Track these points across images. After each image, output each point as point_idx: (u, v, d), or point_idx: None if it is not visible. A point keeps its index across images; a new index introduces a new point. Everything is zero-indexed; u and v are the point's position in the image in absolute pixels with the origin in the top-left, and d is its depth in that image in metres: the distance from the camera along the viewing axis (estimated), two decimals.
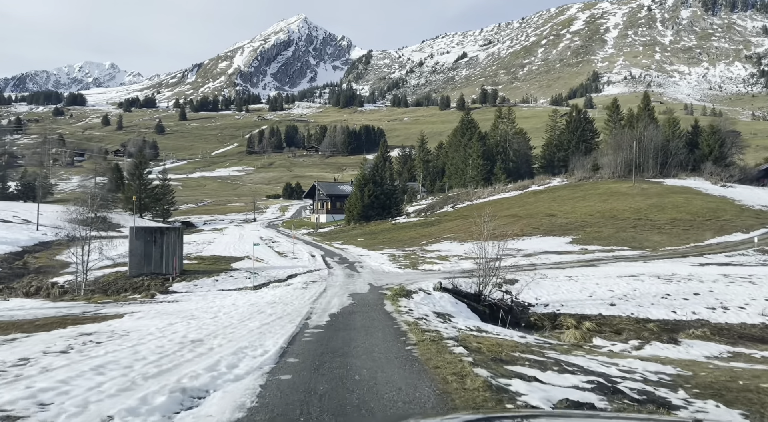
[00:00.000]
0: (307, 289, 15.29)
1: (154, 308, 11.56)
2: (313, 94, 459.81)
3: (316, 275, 18.77)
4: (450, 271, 19.81)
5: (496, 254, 15.32)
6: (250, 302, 12.53)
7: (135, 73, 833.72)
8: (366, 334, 8.69)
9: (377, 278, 18.27)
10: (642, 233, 32.25)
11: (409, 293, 13.53)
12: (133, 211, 66.45)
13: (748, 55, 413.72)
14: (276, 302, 12.58)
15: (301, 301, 12.82)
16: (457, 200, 51.00)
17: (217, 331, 8.89)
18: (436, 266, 20.51)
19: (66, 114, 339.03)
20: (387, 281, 17.07)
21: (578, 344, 10.61)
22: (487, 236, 15.70)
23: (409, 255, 25.32)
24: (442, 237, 34.03)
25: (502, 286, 16.15)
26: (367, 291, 15.06)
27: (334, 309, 11.71)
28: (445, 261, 22.35)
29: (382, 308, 11.64)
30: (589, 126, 78.80)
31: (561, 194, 45.31)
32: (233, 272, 17.99)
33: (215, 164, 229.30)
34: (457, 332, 8.60)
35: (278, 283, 17.10)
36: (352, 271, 20.68)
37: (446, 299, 13.50)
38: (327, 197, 62.20)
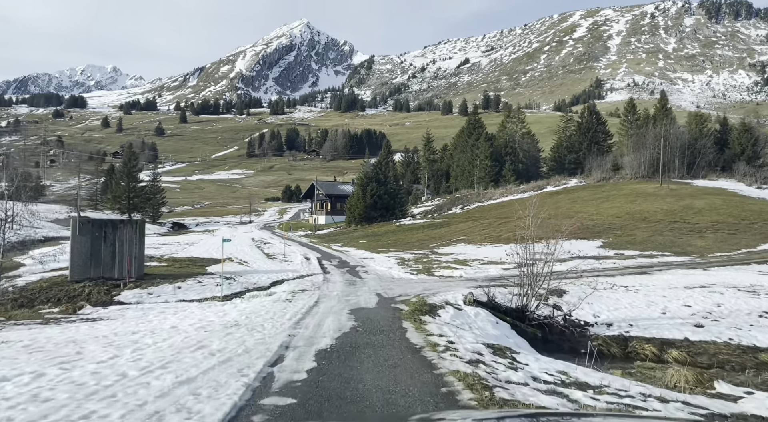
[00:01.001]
0: (292, 301, 11.57)
1: (30, 337, 7.79)
2: (315, 99, 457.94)
3: (307, 282, 15.09)
4: (474, 278, 16.13)
5: (544, 257, 11.66)
6: (202, 323, 8.56)
7: (137, 77, 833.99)
8: None
9: (386, 286, 14.69)
10: (681, 237, 28.68)
11: (433, 309, 9.88)
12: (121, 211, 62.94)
13: (751, 64, 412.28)
14: (239, 324, 8.58)
15: (278, 322, 8.90)
16: (466, 202, 47.37)
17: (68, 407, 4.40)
18: (456, 272, 16.84)
19: (66, 116, 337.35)
20: (400, 291, 13.52)
21: (701, 390, 6.89)
22: (534, 235, 12.04)
23: (420, 259, 21.65)
24: (454, 240, 30.36)
25: (547, 298, 12.45)
26: (375, 305, 11.38)
27: (326, 339, 7.73)
28: (465, 266, 18.71)
29: (404, 337, 7.72)
30: (601, 128, 75.60)
31: (581, 195, 41.73)
32: (205, 278, 14.31)
33: (215, 166, 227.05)
34: (562, 400, 4.74)
35: (258, 292, 13.22)
36: (353, 277, 16.99)
37: (483, 318, 9.84)
38: (326, 197, 58.35)
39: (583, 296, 12.39)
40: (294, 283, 14.70)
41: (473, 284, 14.22)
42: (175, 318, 8.92)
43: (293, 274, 16.54)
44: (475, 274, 16.74)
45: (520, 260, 11.98)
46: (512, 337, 9.28)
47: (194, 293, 12.41)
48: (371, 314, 10.05)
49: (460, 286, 13.82)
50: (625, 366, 9.68)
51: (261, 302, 11.41)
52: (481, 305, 10.95)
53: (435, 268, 18.16)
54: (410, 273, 16.96)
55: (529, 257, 11.66)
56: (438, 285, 14.18)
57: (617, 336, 11.30)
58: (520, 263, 11.89)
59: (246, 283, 14.11)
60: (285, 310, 10.21)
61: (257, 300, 11.65)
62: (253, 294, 12.64)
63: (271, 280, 15.22)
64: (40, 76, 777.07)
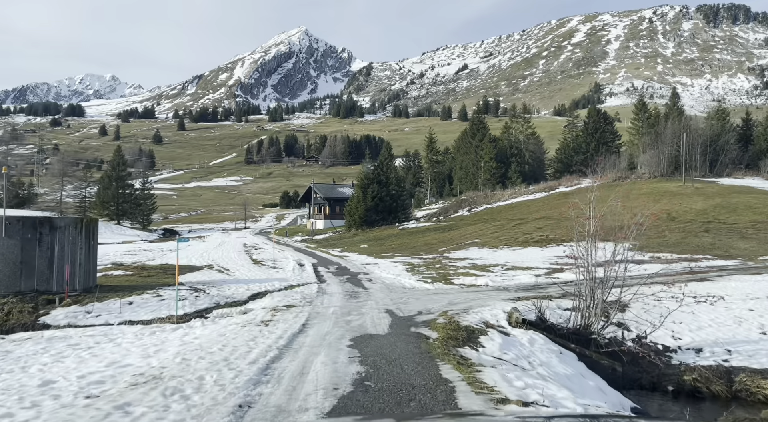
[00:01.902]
0: (270, 324, 8.49)
1: None
2: (314, 106, 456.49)
3: (296, 295, 12.05)
4: (503, 287, 13.22)
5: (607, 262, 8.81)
6: (104, 374, 5.37)
7: (136, 86, 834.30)
8: None
9: (398, 299, 11.65)
10: (720, 239, 25.81)
11: (472, 335, 6.97)
12: (109, 217, 60.01)
13: (750, 67, 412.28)
14: (161, 376, 5.32)
15: (230, 372, 5.60)
16: (473, 204, 44.52)
17: None
18: (480, 280, 13.86)
19: (63, 125, 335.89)
20: (417, 307, 10.47)
21: None
22: (596, 233, 9.18)
23: (431, 264, 18.73)
24: (465, 243, 27.44)
25: (609, 314, 9.52)
26: (387, 329, 8.17)
27: (307, 417, 4.43)
28: (488, 272, 15.82)
29: (453, 402, 4.52)
30: (609, 128, 73.20)
31: (598, 195, 38.69)
32: (169, 290, 11.34)
33: (213, 173, 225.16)
34: None
35: (229, 308, 10.16)
36: (355, 287, 13.86)
37: (542, 346, 6.95)
38: (325, 200, 55.28)
39: (660, 312, 9.45)
40: (279, 296, 11.67)
41: (507, 295, 11.31)
42: (73, 361, 5.79)
43: (280, 284, 13.58)
44: (504, 282, 13.80)
45: (574, 262, 9.03)
46: (590, 377, 6.38)
47: (147, 310, 9.48)
48: (385, 347, 6.80)
49: (491, 298, 10.90)
50: (752, 416, 6.68)
51: (226, 325, 8.36)
52: (532, 326, 8.03)
53: (452, 275, 15.21)
54: (424, 282, 13.95)
55: (590, 261, 8.73)
56: (464, 297, 11.32)
57: (715, 367, 8.33)
58: (576, 261, 8.95)
59: (218, 296, 10.99)
60: (253, 342, 7.00)
61: (223, 322, 8.67)
62: (221, 313, 9.62)
63: (252, 292, 12.13)
64: (38, 86, 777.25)
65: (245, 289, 12.41)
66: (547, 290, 12.35)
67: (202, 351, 6.45)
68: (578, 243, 9.04)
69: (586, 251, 8.73)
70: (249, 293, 11.89)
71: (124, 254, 24.83)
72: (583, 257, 8.73)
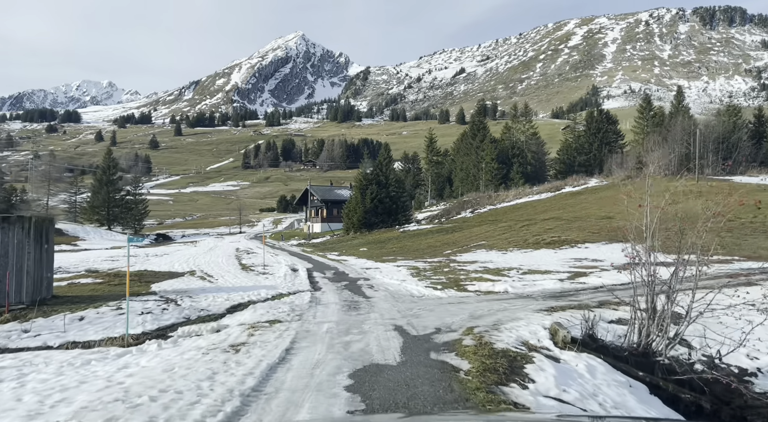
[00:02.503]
0: (243, 349, 6.56)
1: None
2: (311, 110, 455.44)
3: (284, 306, 10.12)
4: (526, 294, 11.44)
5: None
6: None
7: (132, 92, 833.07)
8: None
9: (407, 311, 9.78)
10: (745, 238, 24.13)
11: (514, 364, 5.17)
12: (100, 222, 58.17)
13: (747, 69, 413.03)
14: None
15: None
16: (476, 205, 42.80)
17: None
18: (498, 286, 12.00)
19: (59, 131, 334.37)
20: (433, 321, 8.55)
21: None
22: (656, 229, 7.44)
23: (438, 268, 16.96)
24: (471, 245, 25.67)
25: (663, 328, 7.70)
26: (399, 357, 6.20)
27: None
28: (503, 277, 14.07)
29: None
30: (612, 128, 71.85)
31: (607, 194, 37.22)
32: (137, 300, 9.55)
33: (209, 178, 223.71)
34: None
35: (200, 325, 8.24)
36: (355, 295, 12.02)
37: (605, 377, 5.19)
38: (322, 202, 53.38)
39: (726, 324, 7.68)
40: (263, 308, 9.73)
41: (536, 305, 9.53)
42: None
43: (268, 292, 11.75)
44: (525, 288, 12.01)
45: (629, 262, 7.25)
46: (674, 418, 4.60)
47: (98, 328, 7.69)
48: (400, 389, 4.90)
49: (519, 308, 9.13)
50: None
51: (185, 351, 6.42)
52: (581, 346, 6.23)
53: (464, 280, 13.43)
54: (434, 288, 12.11)
55: (651, 262, 6.98)
56: (486, 308, 9.61)
57: None
58: (631, 261, 7.19)
59: (190, 309, 9.21)
60: (210, 382, 5.04)
61: (185, 345, 6.84)
62: (188, 331, 7.77)
63: (232, 303, 10.29)
64: (35, 93, 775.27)
65: (225, 299, 10.54)
66: (579, 297, 10.60)
67: (125, 403, 4.46)
68: (634, 241, 7.26)
69: (646, 250, 6.97)
70: (228, 304, 10.03)
71: (105, 259, 23.04)
72: (638, 256, 6.97)
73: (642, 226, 7.23)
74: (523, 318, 7.95)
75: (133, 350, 6.52)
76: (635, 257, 6.95)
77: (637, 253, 6.95)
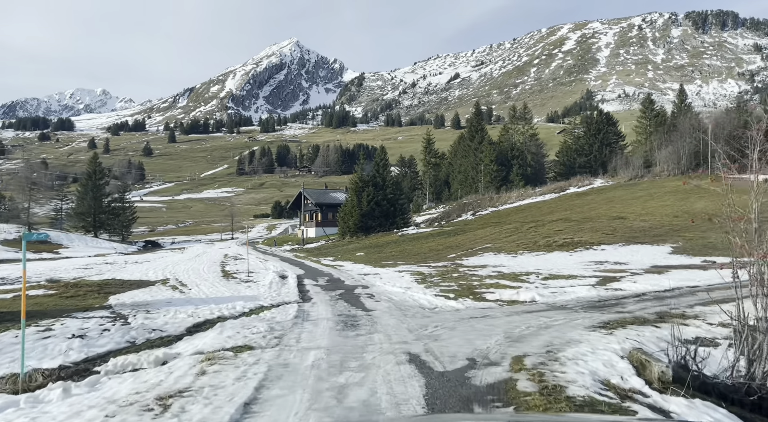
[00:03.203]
0: (174, 406, 4.27)
1: None
2: (306, 117, 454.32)
3: (261, 325, 8.00)
4: (559, 303, 9.46)
5: None
6: None
7: (127, 99, 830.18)
8: None
9: (420, 329, 7.65)
10: None
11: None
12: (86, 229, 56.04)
13: (740, 73, 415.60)
14: None
15: None
16: (477, 207, 41.06)
17: None
18: (522, 295, 9.95)
19: (52, 139, 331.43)
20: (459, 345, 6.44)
21: None
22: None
23: (446, 273, 15.08)
24: (477, 248, 23.84)
25: (717, 344, 5.81)
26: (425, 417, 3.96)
27: None
28: (523, 283, 12.21)
29: None
30: (612, 129, 70.58)
31: (615, 194, 35.61)
32: (77, 319, 7.58)
33: (203, 185, 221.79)
34: None
35: (145, 353, 6.13)
36: (352, 307, 10.01)
37: None
38: (316, 206, 51.38)
39: None
40: (234, 327, 7.61)
41: (582, 319, 7.57)
42: None
43: (245, 305, 9.84)
44: (555, 297, 10.08)
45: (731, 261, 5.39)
46: None
47: (4, 359, 5.73)
48: None
49: (561, 323, 7.22)
50: None
51: (93, 406, 4.27)
52: (677, 382, 4.35)
53: (479, 287, 11.52)
54: (445, 297, 10.18)
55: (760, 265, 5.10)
56: (521, 323, 7.63)
57: None
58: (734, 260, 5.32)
59: (141, 328, 7.32)
60: None
61: (106, 390, 4.78)
62: (125, 362, 5.72)
63: (198, 319, 8.25)
64: (28, 101, 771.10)
65: (188, 315, 8.46)
66: (625, 307, 8.74)
67: None
68: (743, 245, 5.37)
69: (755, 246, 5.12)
70: (191, 321, 7.98)
71: (78, 268, 21.07)
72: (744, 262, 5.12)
73: None
74: (581, 339, 6.02)
75: (22, 400, 4.43)
76: (747, 253, 5.11)
77: (748, 249, 5.11)
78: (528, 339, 6.58)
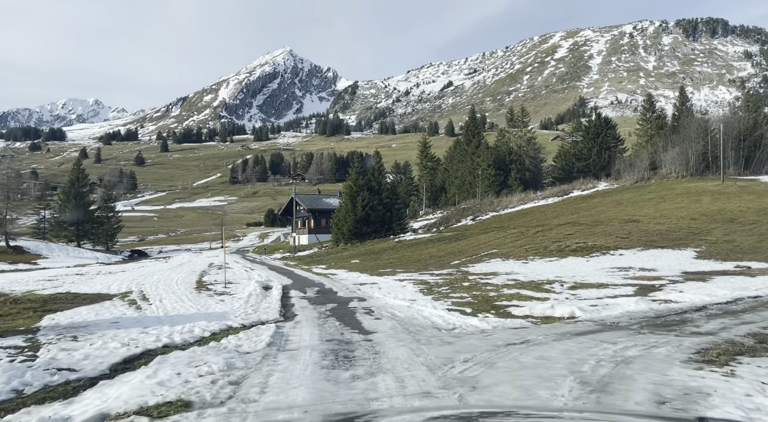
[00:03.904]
0: None
1: None
2: (300, 125, 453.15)
3: (217, 359, 5.44)
4: (611, 321, 7.17)
5: None
6: None
7: (119, 109, 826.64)
8: None
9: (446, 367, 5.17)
10: None
11: None
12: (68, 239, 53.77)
13: (731, 79, 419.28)
14: None
15: None
16: (477, 212, 39.28)
17: None
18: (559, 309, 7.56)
19: (43, 149, 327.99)
20: (520, 406, 3.62)
21: None
22: None
23: (455, 282, 13.14)
24: (482, 254, 21.99)
25: None
26: None
27: None
28: (547, 292, 10.35)
29: None
30: (611, 132, 69.33)
31: (623, 197, 33.93)
32: None
33: (196, 194, 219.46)
34: None
35: (27, 411, 3.72)
36: (346, 328, 7.85)
37: None
38: (309, 212, 49.31)
39: None
40: (176, 365, 5.16)
41: (667, 345, 5.40)
42: None
43: (207, 327, 7.67)
44: (600, 312, 7.89)
45: None
46: None
47: None
48: None
49: (643, 354, 4.95)
50: None
51: None
52: None
53: (497, 299, 9.56)
54: (461, 312, 8.14)
55: None
56: (582, 353, 5.53)
57: None
58: None
59: (44, 368, 5.10)
60: None
61: None
62: None
63: (132, 352, 5.97)
64: (20, 112, 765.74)
65: (125, 343, 5.77)
66: (699, 326, 6.85)
67: None
68: None
69: None
70: (124, 353, 5.51)
71: (41, 280, 19.01)
72: None
73: None
74: (701, 387, 4.13)
75: None
76: None
77: None
78: (617, 387, 4.36)
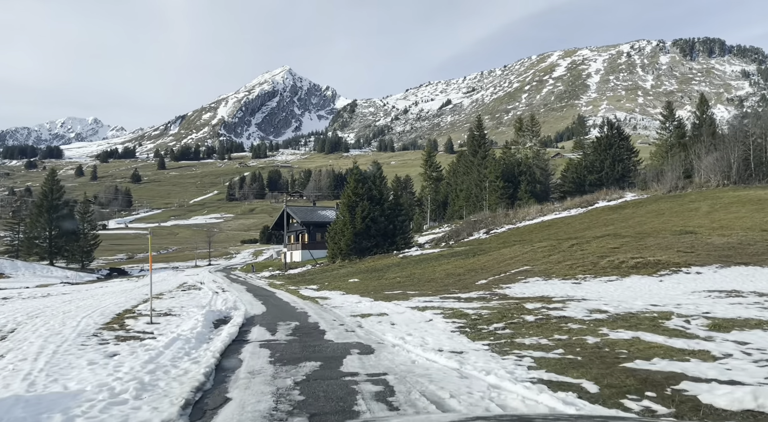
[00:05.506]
0: None
1: None
2: (298, 143, 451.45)
3: None
4: None
5: None
6: None
7: (118, 128, 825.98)
8: None
9: None
10: None
11: None
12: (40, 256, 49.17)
13: (729, 98, 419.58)
14: None
15: None
16: (489, 224, 35.02)
17: None
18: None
19: (39, 167, 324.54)
20: None
21: None
22: None
23: (506, 313, 8.62)
24: (512, 272, 17.59)
25: None
26: None
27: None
28: (686, 339, 6.16)
29: None
30: (624, 143, 65.61)
31: (661, 207, 29.68)
32: None
33: (192, 211, 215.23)
34: None
35: None
36: None
37: None
38: (303, 225, 44.63)
39: None
40: None
41: None
42: None
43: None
44: None
45: None
46: None
47: None
48: None
49: None
50: None
51: None
52: None
53: (610, 353, 5.20)
54: (575, 392, 3.91)
55: None
56: None
57: None
58: None
59: None
60: None
61: None
62: None
63: None
64: (18, 130, 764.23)
65: None
66: None
67: None
68: None
69: None
70: None
71: None
72: None
73: None
74: None
75: None
76: None
77: None
78: None
